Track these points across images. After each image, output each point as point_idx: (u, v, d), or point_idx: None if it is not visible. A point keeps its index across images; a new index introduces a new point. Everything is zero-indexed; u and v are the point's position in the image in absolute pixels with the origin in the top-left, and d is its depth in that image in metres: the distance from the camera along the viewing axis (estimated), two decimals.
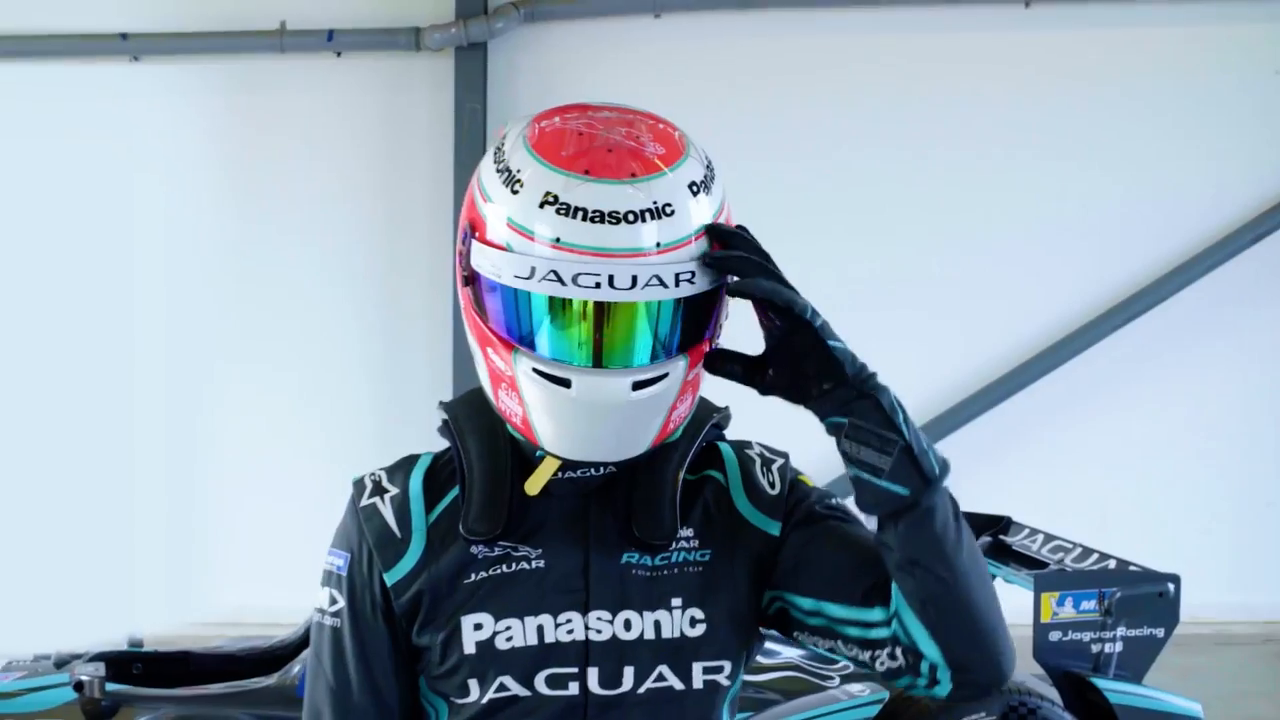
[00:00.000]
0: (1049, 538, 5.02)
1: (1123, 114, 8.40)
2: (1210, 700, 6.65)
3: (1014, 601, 4.66)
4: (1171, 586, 4.50)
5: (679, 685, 1.53)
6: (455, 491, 1.55)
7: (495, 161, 1.54)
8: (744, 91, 8.35)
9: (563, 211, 1.43)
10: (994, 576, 4.98)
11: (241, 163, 8.52)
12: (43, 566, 7.51)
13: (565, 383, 1.44)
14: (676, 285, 1.44)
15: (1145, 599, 4.46)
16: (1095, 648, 4.38)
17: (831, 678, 4.38)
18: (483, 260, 1.48)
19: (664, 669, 1.53)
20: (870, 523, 1.63)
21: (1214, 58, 8.38)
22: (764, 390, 1.54)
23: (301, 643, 4.56)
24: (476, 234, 1.51)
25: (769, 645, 4.57)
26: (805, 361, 1.49)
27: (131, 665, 4.50)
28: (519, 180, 1.48)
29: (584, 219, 1.42)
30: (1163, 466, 8.50)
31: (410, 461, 1.61)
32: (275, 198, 8.53)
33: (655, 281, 1.42)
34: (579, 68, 8.39)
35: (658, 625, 1.52)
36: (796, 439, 2.38)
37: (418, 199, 8.47)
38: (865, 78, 8.43)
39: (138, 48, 8.28)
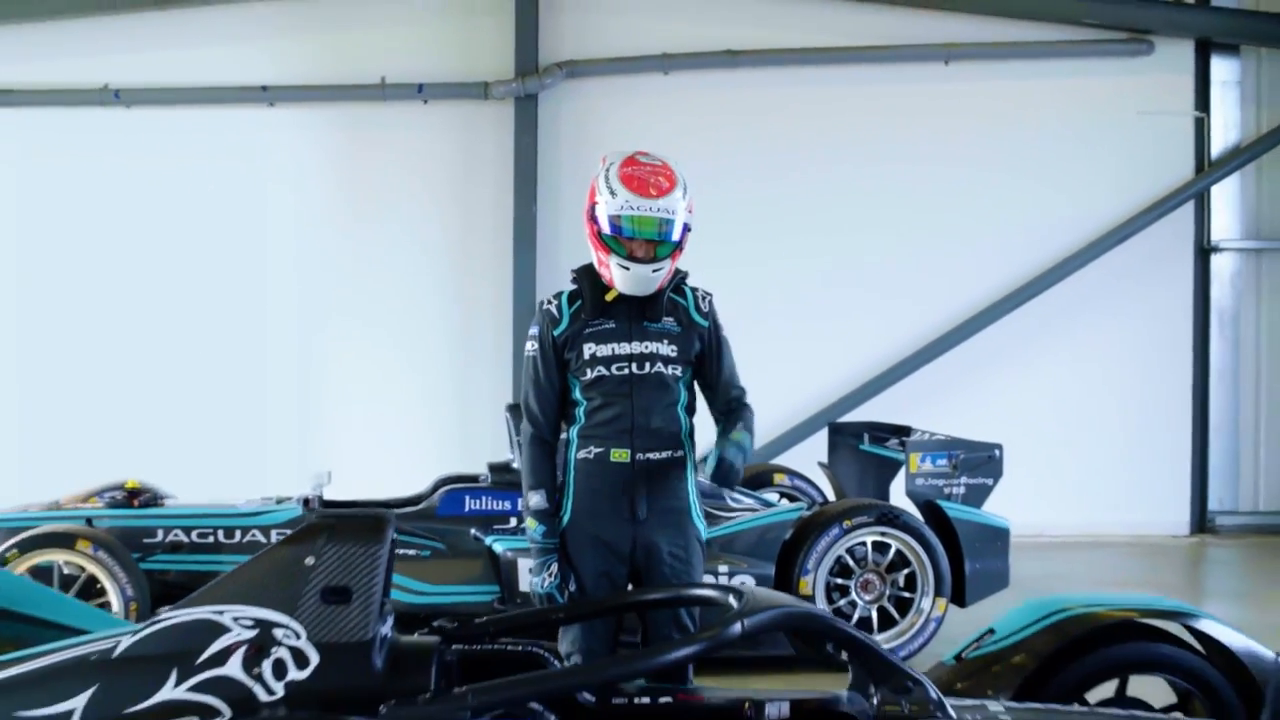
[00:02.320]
0: (933, 434, 7.11)
1: (1025, 142, 10.24)
2: (1079, 575, 8.77)
3: None
4: (998, 451, 6.49)
5: (666, 372, 3.71)
6: (580, 302, 3.87)
7: (605, 178, 3.63)
8: (731, 128, 10.09)
9: (629, 209, 3.58)
10: (897, 462, 6.93)
11: (352, 182, 10.23)
12: (211, 452, 9.62)
13: (627, 268, 3.68)
14: (673, 215, 3.69)
15: (980, 459, 6.48)
16: (946, 490, 6.42)
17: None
18: (596, 209, 3.77)
19: (659, 366, 3.67)
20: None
21: (1091, 101, 10.22)
22: None
23: (430, 492, 6.57)
24: (595, 202, 3.73)
25: (736, 496, 6.61)
26: None
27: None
28: (614, 191, 3.59)
29: (636, 215, 3.67)
30: (1065, 409, 10.15)
31: (561, 292, 3.91)
32: (378, 207, 10.22)
33: (666, 213, 3.60)
34: (606, 112, 10.11)
35: (658, 348, 3.68)
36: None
37: (484, 208, 10.19)
38: (824, 117, 10.23)
39: (274, 96, 10.09)
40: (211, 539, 6.29)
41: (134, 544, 6.16)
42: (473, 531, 6.23)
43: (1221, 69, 10.35)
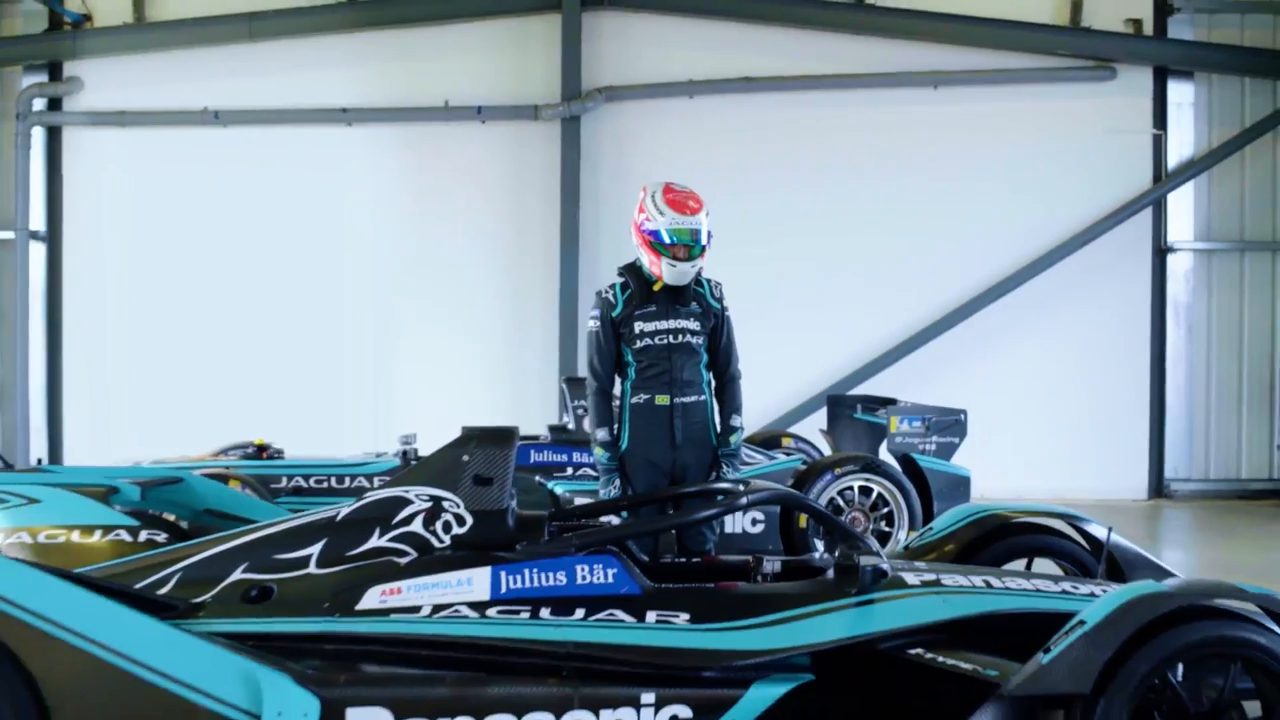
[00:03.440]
0: (915, 403, 8.53)
1: (1004, 156, 11.34)
2: None
3: None
4: (963, 416, 7.87)
5: (693, 340, 5.28)
6: (630, 292, 5.34)
7: (651, 200, 5.21)
8: (749, 144, 11.29)
9: (673, 224, 5.10)
10: (884, 428, 8.34)
11: (420, 191, 11.49)
12: (299, 415, 10.86)
13: (675, 266, 5.22)
14: (701, 227, 5.18)
15: (949, 421, 7.87)
16: (920, 447, 7.81)
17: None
18: (646, 224, 5.26)
19: (688, 336, 5.17)
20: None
21: (1063, 121, 11.37)
22: None
23: None
24: (645, 218, 5.27)
25: (749, 452, 8.14)
26: None
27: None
28: (661, 211, 4.98)
29: (678, 228, 5.21)
30: (1039, 389, 11.23)
31: (614, 285, 5.36)
32: (442, 212, 11.46)
33: (698, 226, 5.16)
34: (640, 131, 11.30)
35: (687, 325, 5.23)
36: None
37: (534, 213, 11.42)
38: (830, 134, 11.39)
39: (352, 117, 11.38)
40: (326, 484, 7.66)
41: (263, 487, 7.48)
42: (537, 478, 7.61)
43: (1177, 92, 11.46)
